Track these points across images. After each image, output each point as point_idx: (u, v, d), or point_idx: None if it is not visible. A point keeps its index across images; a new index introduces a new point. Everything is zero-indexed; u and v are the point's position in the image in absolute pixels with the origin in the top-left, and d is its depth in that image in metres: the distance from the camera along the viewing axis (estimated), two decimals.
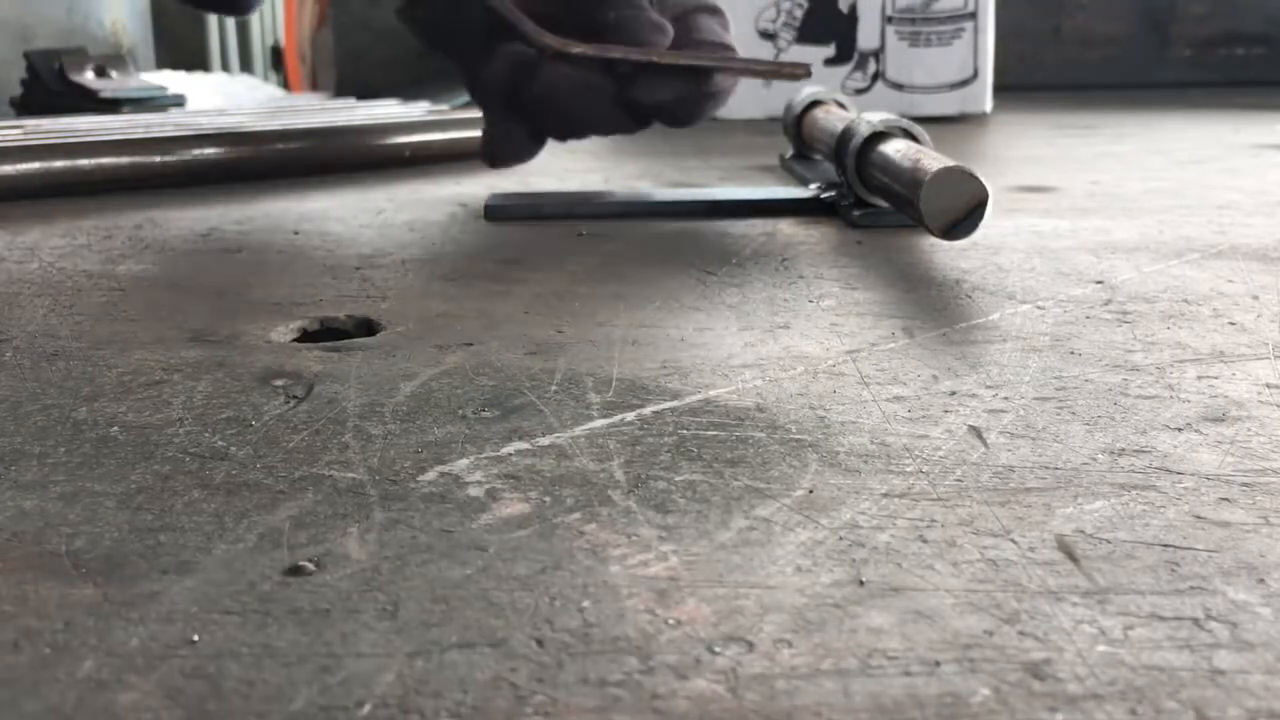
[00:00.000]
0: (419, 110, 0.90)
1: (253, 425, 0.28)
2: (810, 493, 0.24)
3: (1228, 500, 0.23)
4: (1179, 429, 0.27)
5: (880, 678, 0.17)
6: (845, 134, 0.55)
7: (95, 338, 0.37)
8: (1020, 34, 1.50)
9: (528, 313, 0.39)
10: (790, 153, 0.74)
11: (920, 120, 0.57)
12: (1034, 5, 1.54)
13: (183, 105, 1.05)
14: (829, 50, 1.14)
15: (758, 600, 0.20)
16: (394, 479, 0.25)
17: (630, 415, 0.29)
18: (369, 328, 0.38)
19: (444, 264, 0.47)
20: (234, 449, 0.27)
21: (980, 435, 0.27)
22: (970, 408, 0.29)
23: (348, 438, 0.28)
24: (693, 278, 0.44)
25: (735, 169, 0.76)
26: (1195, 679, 0.17)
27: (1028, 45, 1.53)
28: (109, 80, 1.03)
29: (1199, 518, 0.23)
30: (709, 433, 0.28)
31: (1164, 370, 0.32)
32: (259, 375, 0.33)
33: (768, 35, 1.14)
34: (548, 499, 0.24)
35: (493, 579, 0.21)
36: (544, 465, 0.26)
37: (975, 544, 0.22)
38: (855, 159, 0.54)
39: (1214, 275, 0.43)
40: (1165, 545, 0.21)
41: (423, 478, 0.25)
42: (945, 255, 0.47)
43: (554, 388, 0.31)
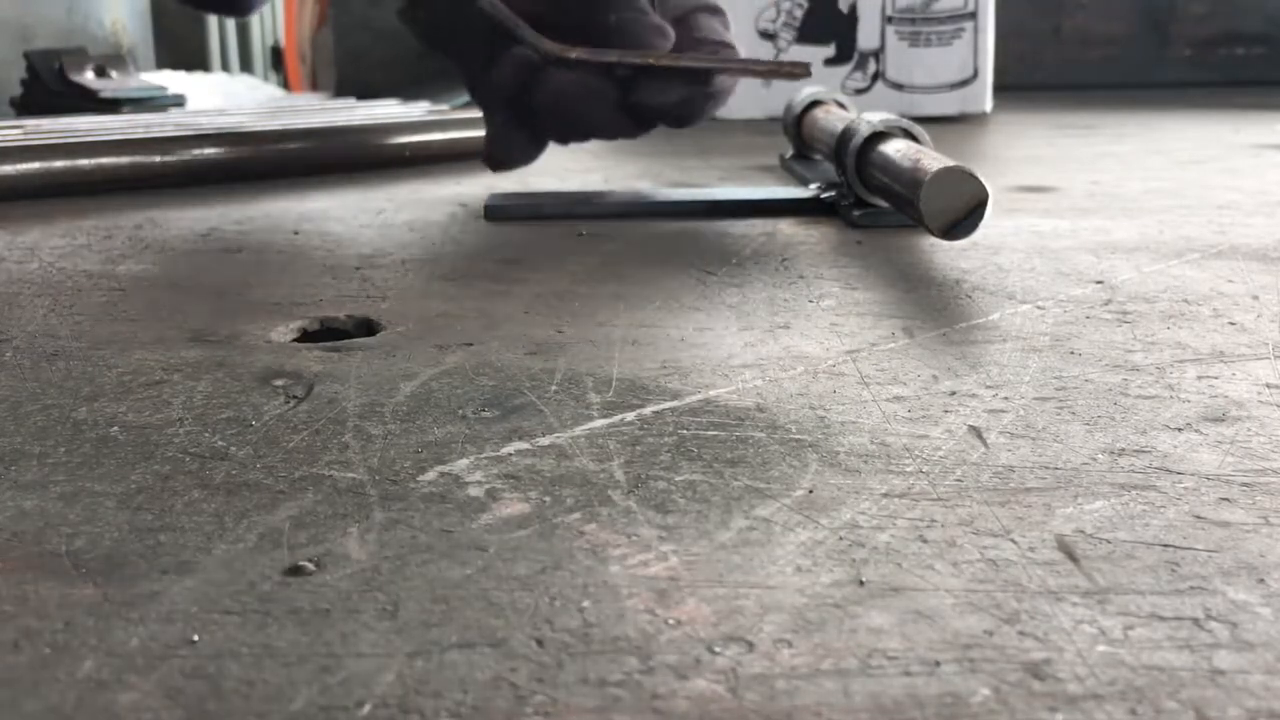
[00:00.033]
0: (419, 110, 0.90)
1: (253, 425, 0.28)
2: (810, 493, 0.24)
3: (1228, 500, 0.23)
4: (1179, 429, 0.27)
5: (880, 678, 0.17)
6: (845, 134, 0.55)
7: (95, 338, 0.37)
8: (1020, 34, 1.50)
9: (528, 313, 0.39)
10: (790, 153, 0.74)
11: (920, 120, 0.57)
12: (1034, 5, 1.54)
13: (183, 105, 1.05)
14: (829, 50, 1.14)
15: (758, 600, 0.20)
16: (394, 479, 0.25)
17: (630, 415, 0.29)
18: (369, 328, 0.38)
19: (444, 264, 0.47)
20: (234, 449, 0.27)
21: (980, 435, 0.27)
22: (970, 408, 0.29)
23: (348, 438, 0.28)
24: (693, 278, 0.44)
25: (735, 169, 0.76)
26: (1195, 679, 0.17)
27: (1028, 45, 1.53)
28: (109, 80, 1.03)
29: (1199, 518, 0.23)
30: (709, 433, 0.28)
31: (1164, 370, 0.32)
32: (259, 375, 0.33)
33: (768, 35, 1.14)
34: (548, 499, 0.24)
35: (493, 579, 0.21)
36: (544, 465, 0.26)
37: (975, 544, 0.22)
38: (855, 159, 0.54)
39: (1214, 275, 0.43)
40: (1165, 545, 0.21)
41: (423, 478, 0.25)
42: (945, 255, 0.47)
43: (554, 388, 0.31)
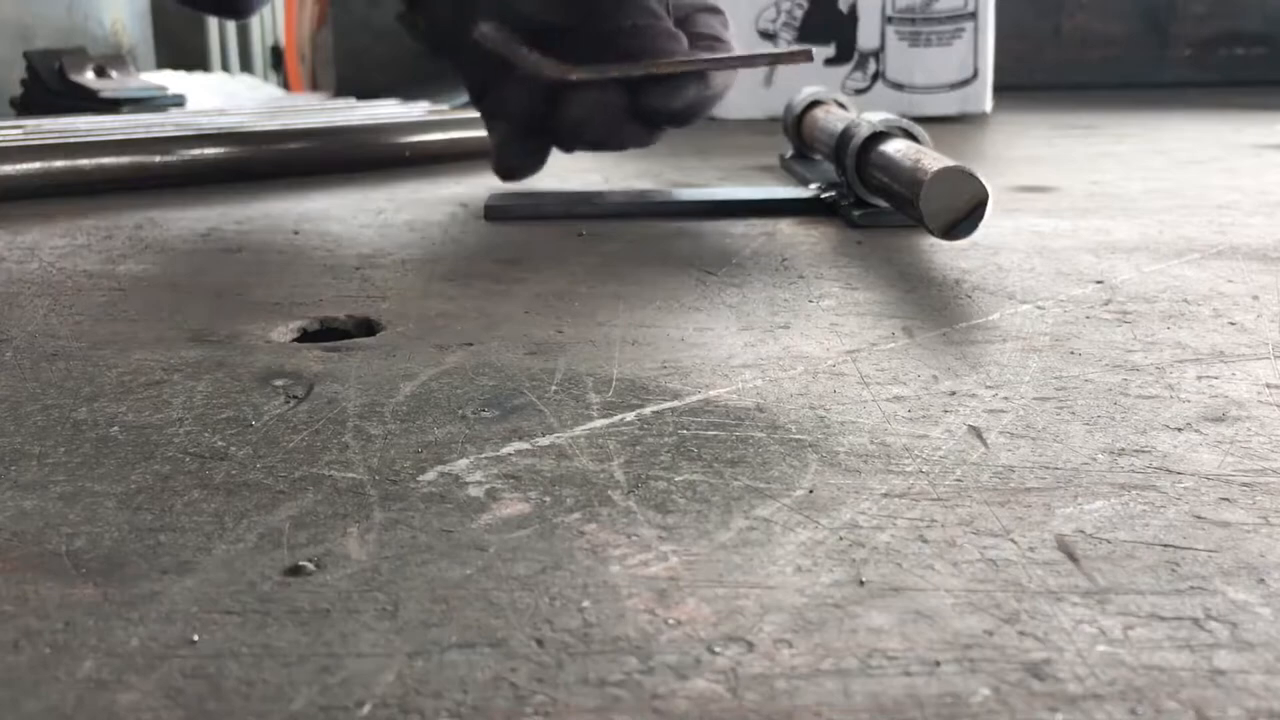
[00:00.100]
0: (419, 110, 0.90)
1: (253, 425, 0.28)
2: (810, 493, 0.24)
3: (1228, 500, 0.23)
4: (1179, 429, 0.27)
5: (880, 678, 0.17)
6: (845, 134, 0.55)
7: (95, 338, 0.37)
8: (1020, 34, 1.50)
9: (528, 313, 0.39)
10: (790, 153, 0.74)
11: (920, 120, 0.57)
12: (1034, 5, 1.54)
13: (183, 105, 1.05)
14: (829, 50, 1.14)
15: (758, 600, 0.20)
16: (394, 479, 0.25)
17: (630, 415, 0.29)
18: (369, 328, 0.38)
19: (444, 264, 0.47)
20: (234, 449, 0.27)
21: (980, 435, 0.27)
22: (970, 408, 0.29)
23: (348, 438, 0.28)
24: (693, 278, 0.44)
25: (735, 169, 0.76)
26: (1195, 679, 0.17)
27: (1028, 45, 1.53)
28: (109, 80, 1.03)
29: (1199, 518, 0.23)
30: (709, 433, 0.28)
31: (1164, 370, 0.32)
32: (259, 375, 0.33)
33: (768, 35, 1.14)
34: (548, 499, 0.24)
35: (493, 579, 0.21)
36: (544, 465, 0.26)
37: (975, 544, 0.22)
38: (855, 159, 0.54)
39: (1214, 275, 0.43)
40: (1165, 545, 0.21)
41: (423, 478, 0.25)
42: (945, 255, 0.47)
43: (554, 388, 0.31)
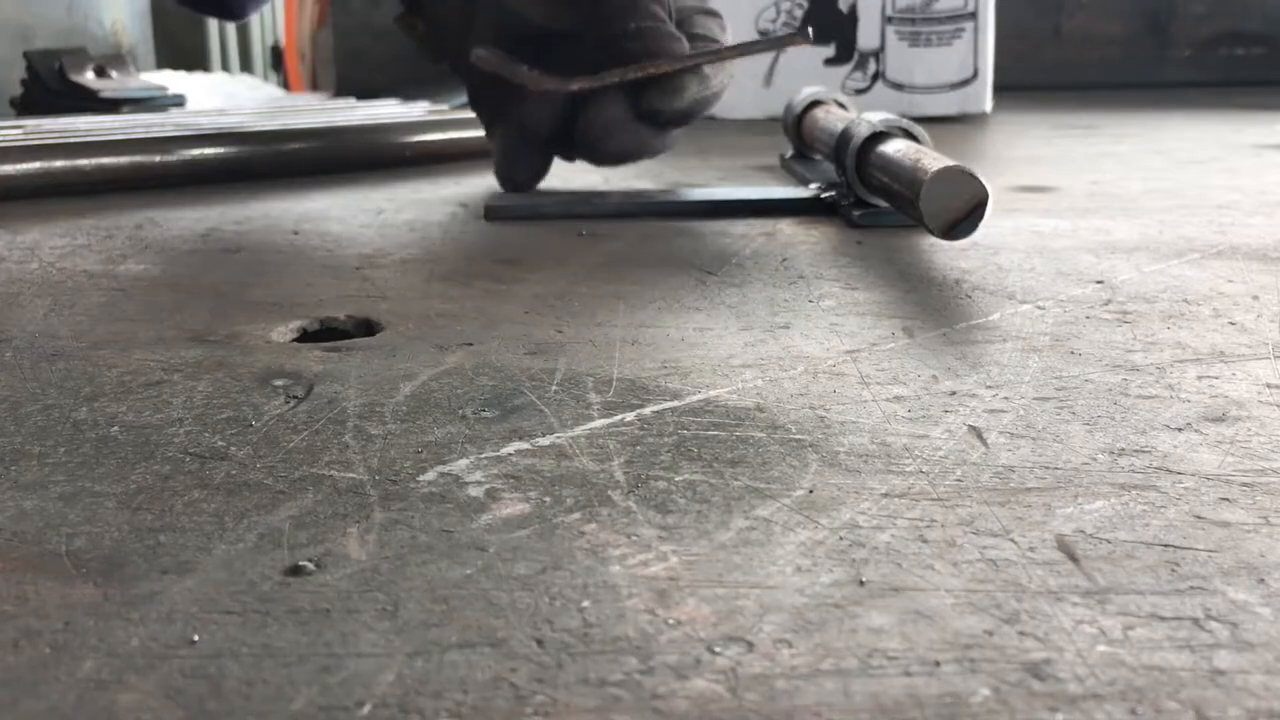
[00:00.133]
0: (419, 110, 0.90)
1: (253, 425, 0.28)
2: (810, 493, 0.24)
3: (1228, 500, 0.23)
4: (1179, 429, 0.27)
5: (880, 678, 0.17)
6: (845, 134, 0.55)
7: (95, 338, 0.37)
8: (1020, 34, 1.50)
9: (528, 313, 0.39)
10: (790, 153, 0.74)
11: (920, 120, 0.57)
12: (1034, 5, 1.54)
13: (183, 105, 1.05)
14: (829, 50, 1.14)
15: (758, 600, 0.20)
16: (394, 479, 0.25)
17: (630, 415, 0.29)
18: (369, 328, 0.38)
19: (444, 264, 0.47)
20: (234, 449, 0.27)
21: (980, 435, 0.27)
22: (970, 408, 0.29)
23: (348, 438, 0.28)
24: (693, 278, 0.44)
25: (735, 169, 0.76)
26: (1195, 679, 0.17)
27: (1027, 45, 1.53)
28: (109, 80, 1.03)
29: (1199, 518, 0.23)
30: (709, 433, 0.28)
31: (1164, 370, 0.32)
32: (259, 375, 0.33)
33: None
34: (548, 499, 0.24)
35: (493, 579, 0.21)
36: (544, 465, 0.26)
37: (975, 544, 0.22)
38: (855, 159, 0.54)
39: (1214, 275, 0.43)
40: (1165, 545, 0.21)
41: (423, 478, 0.25)
42: (945, 255, 0.47)
43: (554, 388, 0.31)
